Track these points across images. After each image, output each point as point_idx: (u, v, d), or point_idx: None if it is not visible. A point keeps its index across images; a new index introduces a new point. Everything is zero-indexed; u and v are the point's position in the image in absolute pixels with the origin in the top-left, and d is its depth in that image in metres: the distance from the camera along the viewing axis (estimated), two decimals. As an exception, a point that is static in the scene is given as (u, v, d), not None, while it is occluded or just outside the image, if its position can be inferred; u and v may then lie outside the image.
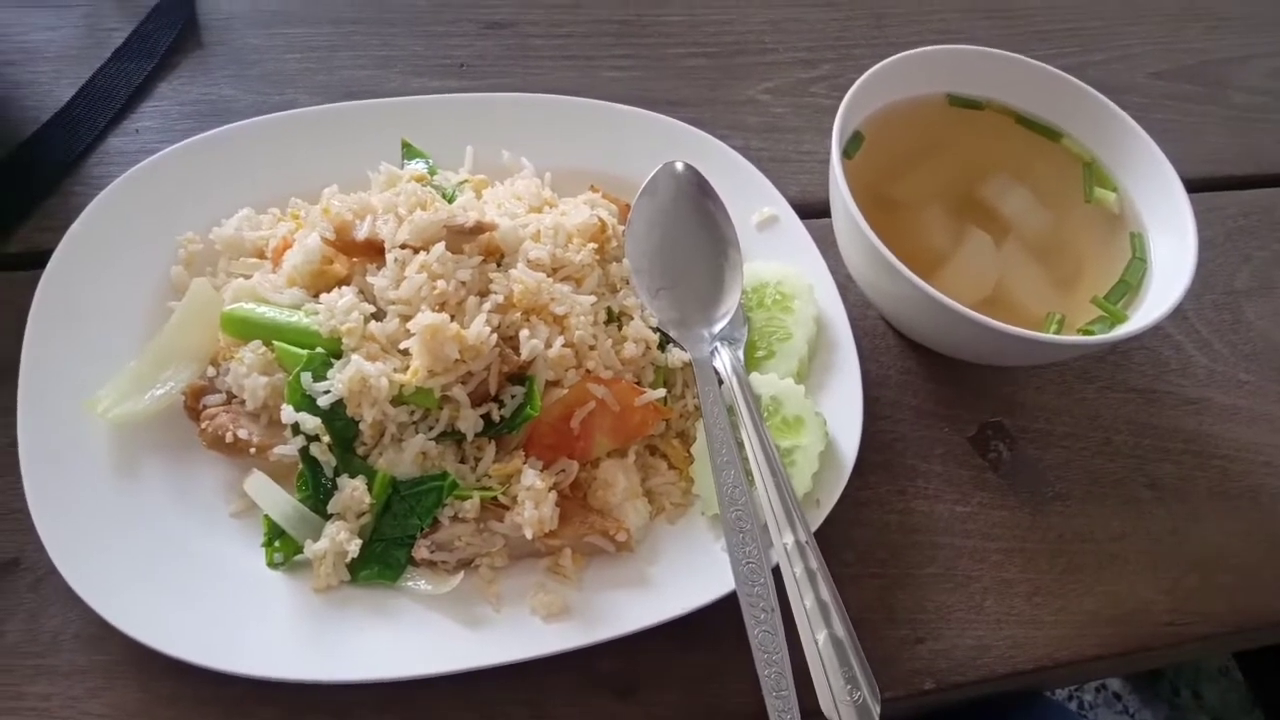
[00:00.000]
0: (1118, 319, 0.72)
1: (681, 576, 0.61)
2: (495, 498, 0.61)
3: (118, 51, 0.87)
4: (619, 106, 0.81)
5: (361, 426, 0.61)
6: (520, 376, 0.63)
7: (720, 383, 0.66)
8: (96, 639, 0.58)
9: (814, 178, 0.88)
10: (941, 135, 0.81)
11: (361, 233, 0.65)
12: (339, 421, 0.61)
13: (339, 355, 0.62)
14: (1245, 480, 0.76)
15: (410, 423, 0.62)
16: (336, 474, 0.61)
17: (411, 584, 0.60)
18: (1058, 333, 0.71)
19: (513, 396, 0.63)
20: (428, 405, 0.61)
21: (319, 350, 0.62)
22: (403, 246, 0.63)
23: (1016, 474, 0.74)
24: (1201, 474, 0.76)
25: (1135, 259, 0.75)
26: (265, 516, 0.60)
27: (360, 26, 0.95)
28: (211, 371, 0.65)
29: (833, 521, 0.63)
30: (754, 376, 0.67)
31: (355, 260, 0.66)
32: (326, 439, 0.60)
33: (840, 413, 0.67)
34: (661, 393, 0.66)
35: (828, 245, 0.75)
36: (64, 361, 0.63)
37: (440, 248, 0.63)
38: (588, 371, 0.64)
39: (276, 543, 0.60)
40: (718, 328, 0.69)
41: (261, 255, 0.70)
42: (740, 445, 0.62)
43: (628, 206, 0.74)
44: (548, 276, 0.65)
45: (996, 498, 0.73)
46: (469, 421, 0.62)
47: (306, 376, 0.60)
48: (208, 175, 0.73)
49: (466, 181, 0.74)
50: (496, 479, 0.62)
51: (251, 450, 0.61)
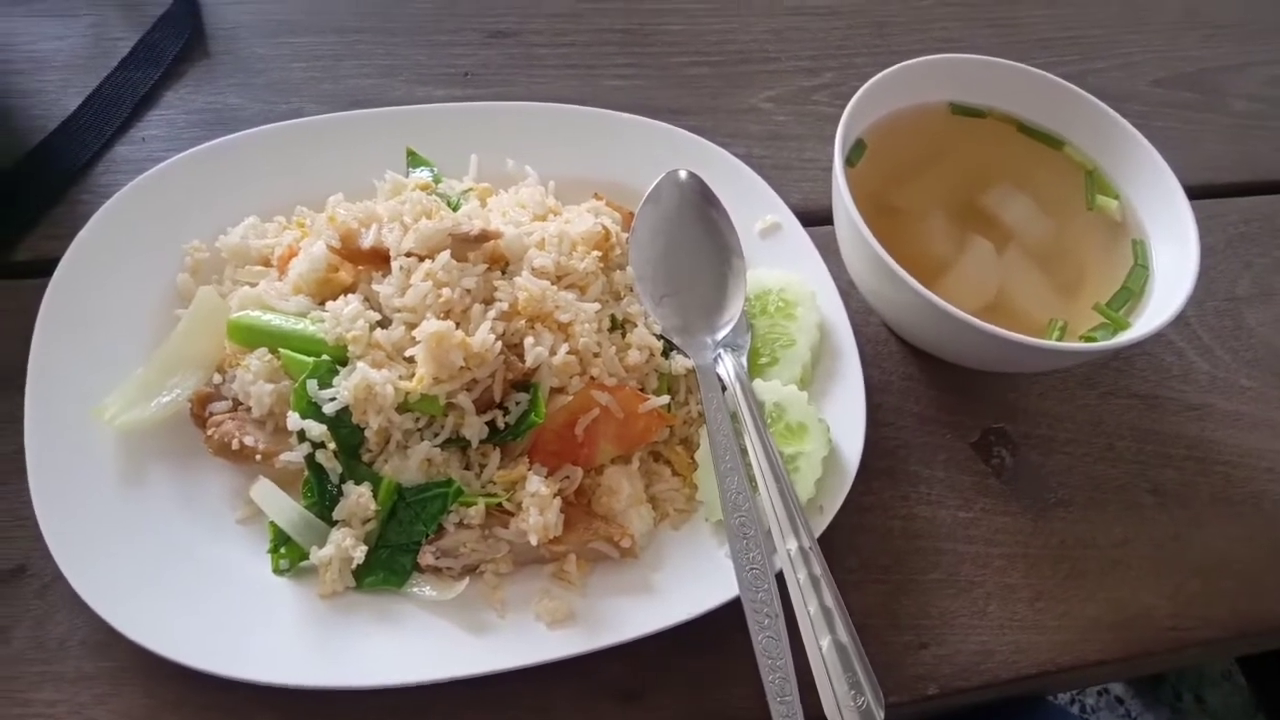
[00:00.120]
0: (1120, 326, 0.72)
1: (686, 582, 0.61)
2: (500, 504, 0.61)
3: (124, 60, 0.88)
4: (622, 115, 0.81)
5: (367, 433, 0.61)
6: (525, 384, 0.64)
7: (723, 389, 0.66)
8: (103, 645, 0.58)
9: (816, 185, 0.89)
10: (944, 143, 0.81)
11: (367, 241, 0.65)
12: (344, 428, 0.61)
13: (344, 363, 0.62)
14: (1247, 486, 0.76)
15: (415, 430, 0.62)
16: (342, 481, 0.61)
17: (417, 590, 0.60)
18: (1060, 339, 0.71)
19: (517, 403, 0.63)
20: (433, 412, 0.62)
21: (325, 358, 0.62)
22: (408, 254, 0.64)
23: (1019, 480, 0.74)
24: (1204, 480, 0.76)
25: (1137, 266, 0.75)
26: (271, 523, 0.60)
27: (365, 36, 0.96)
28: (218, 379, 0.65)
29: (836, 527, 0.63)
30: (757, 383, 0.68)
31: (361, 268, 0.66)
32: (332, 446, 0.61)
33: (843, 419, 0.67)
34: (665, 399, 0.67)
35: (830, 252, 0.75)
36: (71, 369, 0.64)
37: (445, 256, 0.63)
38: (592, 378, 0.65)
39: (282, 549, 0.60)
40: (721, 335, 0.69)
41: (267, 263, 0.71)
42: (744, 451, 0.63)
43: (631, 214, 0.75)
44: (552, 284, 0.65)
45: (999, 503, 0.73)
46: (474, 428, 0.62)
47: (312, 384, 0.61)
48: (214, 183, 0.73)
49: (471, 190, 0.75)
50: (501, 485, 0.62)
51: (257, 457, 0.62)
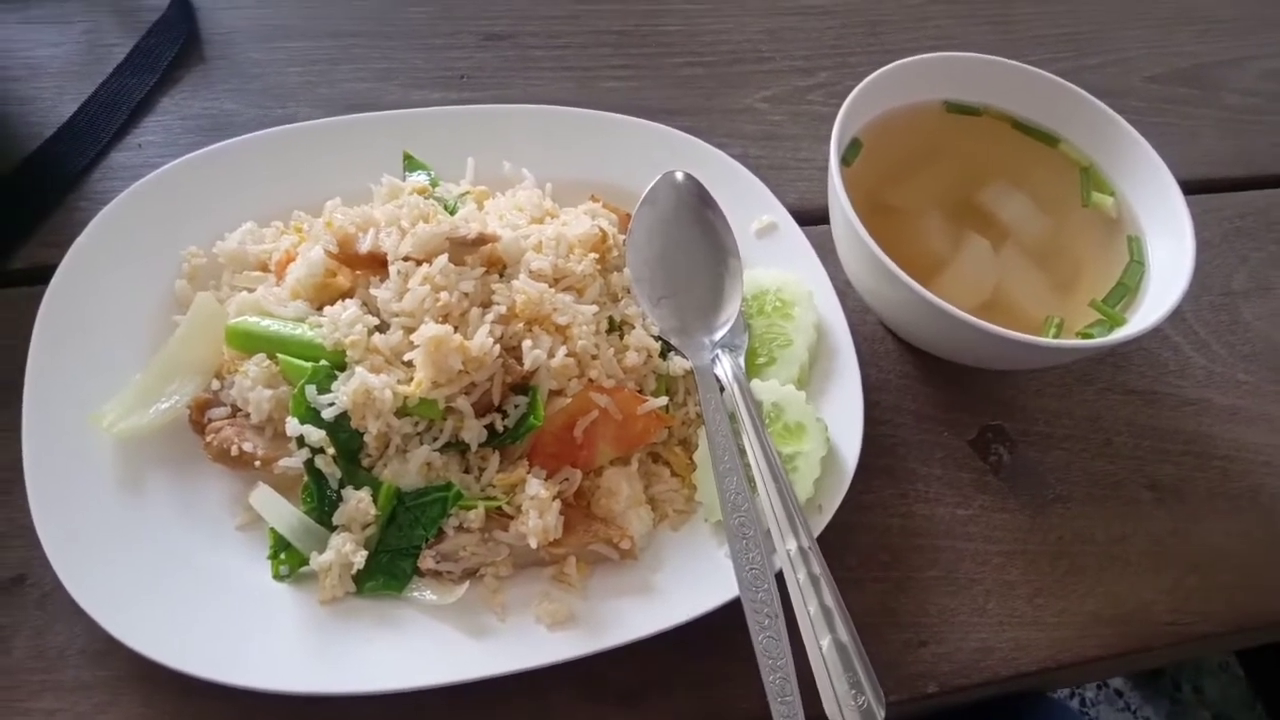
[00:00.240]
0: (1116, 322, 0.72)
1: (685, 583, 0.61)
2: (500, 507, 0.62)
3: (120, 67, 0.88)
4: (618, 117, 0.81)
5: (366, 438, 0.61)
6: (523, 386, 0.64)
7: (722, 390, 0.66)
8: (102, 654, 0.58)
9: (812, 185, 0.89)
10: (939, 141, 0.81)
11: (364, 245, 0.65)
12: (343, 433, 0.61)
13: (343, 368, 0.62)
14: (1245, 480, 0.77)
15: (415, 434, 0.62)
16: (341, 486, 0.61)
17: (417, 594, 0.60)
18: (1056, 336, 0.71)
19: (516, 406, 0.63)
20: (432, 416, 0.62)
21: (323, 363, 0.62)
22: (405, 259, 0.64)
23: (1017, 477, 0.74)
24: (1201, 475, 0.77)
25: (1133, 262, 0.75)
26: (270, 529, 0.60)
27: (360, 40, 0.96)
28: (216, 385, 0.65)
29: (835, 526, 0.63)
30: (755, 383, 0.68)
31: (358, 273, 0.66)
32: (331, 451, 0.61)
33: (841, 418, 0.67)
34: (663, 401, 0.67)
35: (827, 252, 0.75)
36: (69, 376, 0.64)
37: (443, 259, 0.63)
38: (590, 381, 0.65)
39: (282, 555, 0.60)
40: (719, 335, 0.69)
41: (265, 269, 0.71)
42: (742, 452, 0.63)
43: (628, 216, 0.75)
44: (550, 287, 0.65)
45: (997, 501, 0.73)
46: (473, 432, 0.62)
47: (311, 389, 0.61)
48: (211, 189, 0.73)
49: (468, 193, 0.75)
50: (501, 489, 0.62)
51: (256, 463, 0.62)
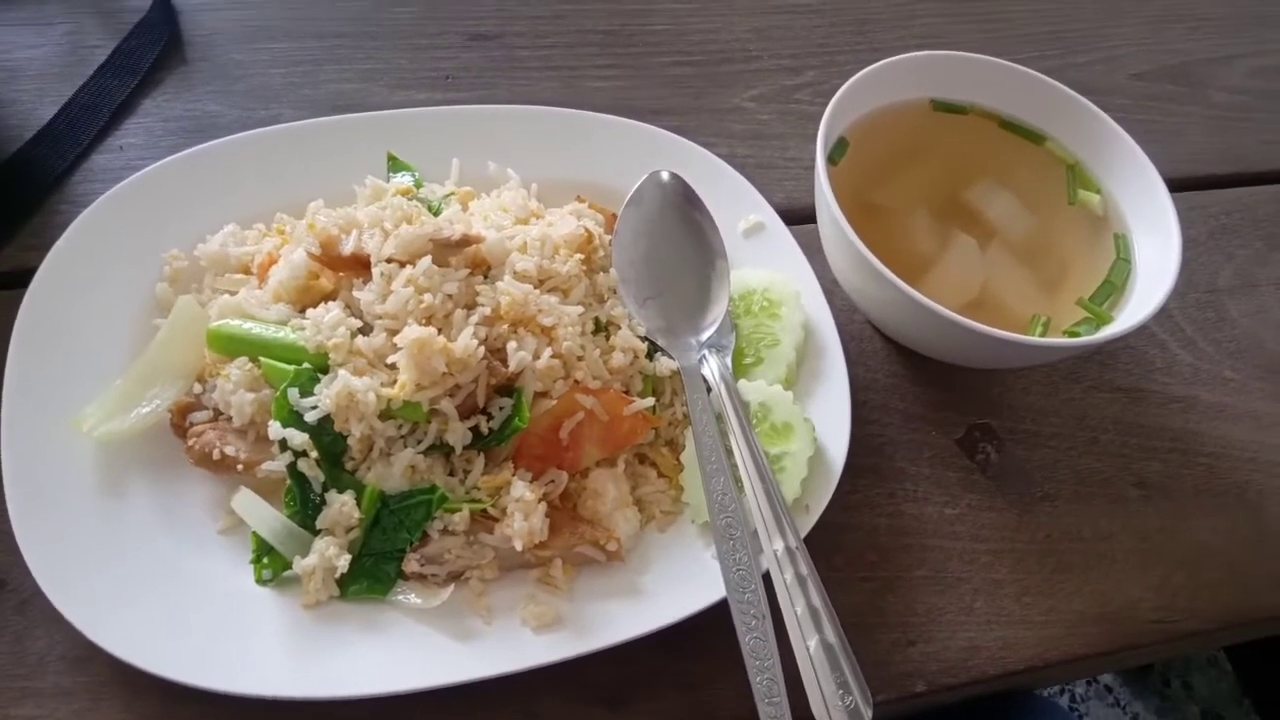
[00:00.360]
0: (1103, 320, 0.72)
1: (672, 585, 0.61)
2: (485, 510, 0.61)
3: (101, 68, 0.87)
4: (604, 116, 0.81)
5: (349, 441, 0.61)
6: (508, 388, 0.63)
7: (709, 390, 0.66)
8: (82, 660, 0.58)
9: (799, 184, 0.89)
10: (926, 140, 0.81)
11: (347, 247, 0.65)
12: (327, 437, 0.60)
13: (326, 370, 0.62)
14: (1231, 477, 0.77)
15: (398, 436, 0.62)
16: (325, 489, 0.61)
17: (402, 598, 0.60)
18: (1043, 335, 0.71)
19: (501, 408, 0.63)
20: (416, 419, 0.61)
21: (306, 366, 0.62)
22: (389, 260, 0.63)
23: (1004, 475, 0.74)
24: (1188, 472, 0.77)
25: (1119, 260, 0.75)
26: (253, 533, 0.60)
27: (345, 40, 0.95)
28: (198, 388, 0.65)
29: (822, 526, 0.63)
30: (742, 383, 0.67)
31: (341, 275, 0.66)
32: (314, 454, 0.60)
33: (828, 418, 0.67)
34: (650, 401, 0.66)
35: (814, 251, 0.75)
36: (48, 380, 0.63)
37: (427, 261, 0.63)
38: (576, 382, 0.64)
39: (265, 559, 0.60)
40: (705, 335, 0.69)
41: (247, 271, 0.70)
42: (729, 452, 0.63)
43: (614, 216, 0.74)
44: (535, 288, 0.65)
45: (985, 499, 0.73)
46: (457, 434, 0.62)
47: (293, 392, 0.60)
48: (193, 191, 0.73)
49: (453, 194, 0.74)
50: (486, 491, 0.62)
51: (239, 467, 0.61)
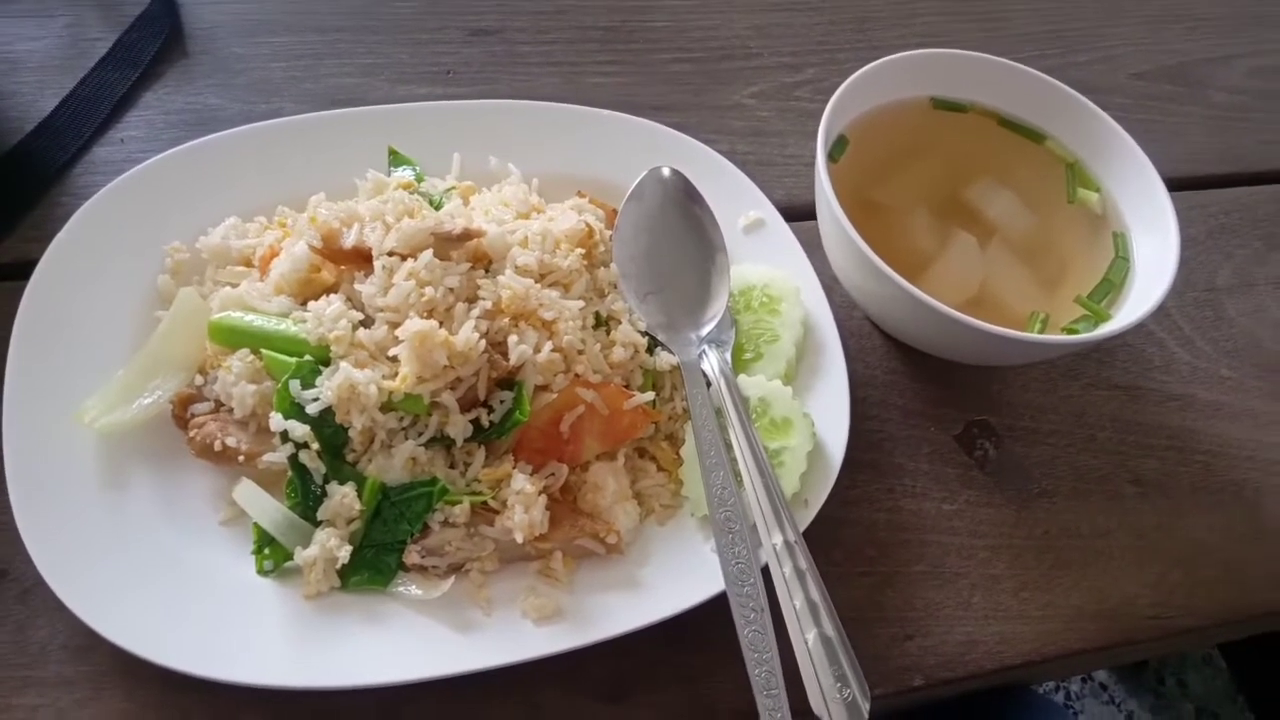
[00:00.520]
0: (1101, 318, 0.72)
1: (672, 578, 0.61)
2: (485, 502, 0.61)
3: (102, 61, 0.87)
4: (605, 112, 0.81)
5: (351, 433, 0.61)
6: (509, 382, 0.64)
7: (708, 385, 0.66)
8: (84, 649, 0.58)
9: (799, 181, 0.89)
10: (926, 138, 0.82)
11: (349, 240, 0.65)
12: (328, 429, 0.61)
13: (327, 363, 0.62)
14: (1228, 475, 0.77)
15: (399, 429, 0.62)
16: (326, 481, 0.61)
17: (402, 589, 0.60)
18: (1042, 332, 0.72)
19: (501, 402, 0.63)
20: (417, 411, 0.61)
21: (307, 358, 0.62)
22: (390, 254, 0.64)
23: (1002, 471, 0.75)
24: (1185, 469, 0.77)
25: (1118, 258, 0.76)
26: (255, 524, 0.60)
27: (345, 34, 0.95)
28: (199, 380, 0.65)
29: (821, 521, 0.63)
30: (742, 378, 0.68)
31: (343, 268, 0.66)
32: (315, 446, 0.60)
33: (828, 413, 0.67)
34: (650, 396, 0.67)
35: (813, 248, 0.75)
36: (50, 372, 0.63)
37: (428, 255, 0.63)
38: (576, 376, 0.65)
39: (266, 550, 0.60)
40: (705, 331, 0.69)
41: (249, 264, 0.70)
42: (729, 447, 0.63)
43: (615, 211, 0.74)
44: (536, 282, 0.65)
45: (983, 495, 0.73)
46: (458, 427, 0.62)
47: (295, 384, 0.60)
48: (194, 184, 0.73)
49: (454, 188, 0.75)
50: (486, 483, 0.62)
51: (240, 458, 0.61)
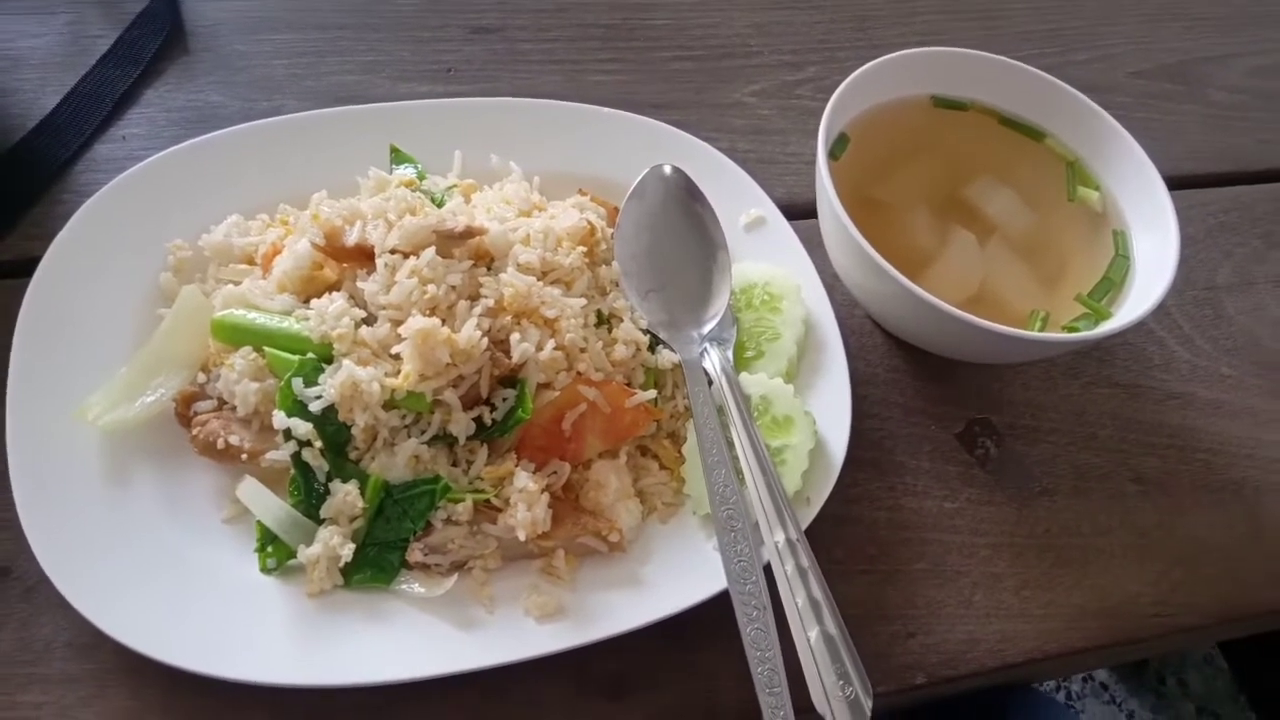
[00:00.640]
0: (1101, 316, 0.72)
1: (674, 576, 0.62)
2: (488, 500, 0.62)
3: (103, 58, 0.87)
4: (606, 110, 0.81)
5: (353, 431, 0.61)
6: (511, 379, 0.64)
7: (710, 383, 0.66)
8: (88, 647, 0.58)
9: (800, 179, 0.89)
10: (926, 136, 0.82)
11: (351, 238, 0.65)
12: (331, 426, 0.61)
13: (330, 360, 0.62)
14: (1228, 473, 0.77)
15: (402, 427, 0.62)
16: (329, 479, 0.61)
17: (405, 587, 0.60)
18: (1042, 330, 0.72)
19: (504, 399, 0.63)
20: (419, 409, 0.61)
21: (310, 356, 0.62)
22: (393, 251, 0.64)
23: (1003, 470, 0.75)
24: (1185, 468, 0.77)
25: (1118, 256, 0.76)
26: (258, 522, 0.60)
27: (347, 32, 0.95)
28: (202, 378, 0.65)
29: (823, 519, 0.63)
30: (743, 376, 0.68)
31: (345, 265, 0.66)
32: (318, 444, 0.60)
33: (829, 411, 0.67)
34: (652, 394, 0.67)
35: (814, 246, 0.76)
36: (53, 369, 0.63)
37: (430, 252, 0.63)
38: (578, 374, 0.65)
39: (269, 548, 0.60)
40: (707, 329, 0.69)
41: (251, 261, 0.70)
42: (730, 445, 0.63)
43: (616, 210, 0.75)
44: (538, 280, 0.65)
45: (984, 493, 0.73)
46: (461, 425, 0.62)
47: (298, 382, 0.60)
48: (196, 182, 0.73)
49: (455, 186, 0.75)
50: (489, 481, 0.62)
51: (243, 456, 0.61)
